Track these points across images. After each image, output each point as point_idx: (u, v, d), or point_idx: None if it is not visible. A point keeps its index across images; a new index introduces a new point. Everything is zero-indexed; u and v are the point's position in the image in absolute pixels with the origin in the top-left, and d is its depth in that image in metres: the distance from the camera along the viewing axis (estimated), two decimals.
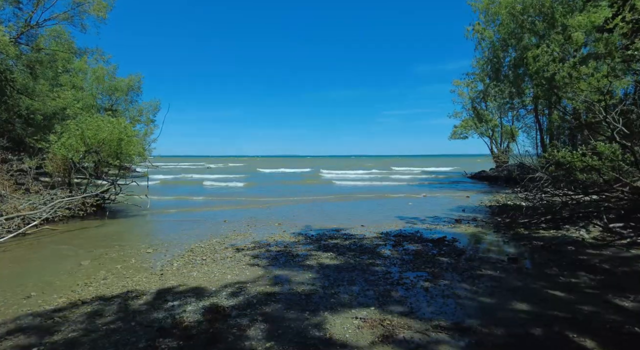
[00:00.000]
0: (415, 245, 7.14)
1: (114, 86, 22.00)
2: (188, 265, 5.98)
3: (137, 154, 12.71)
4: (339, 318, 3.83)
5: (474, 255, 6.34)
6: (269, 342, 3.31)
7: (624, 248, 6.47)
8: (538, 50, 13.76)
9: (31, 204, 9.63)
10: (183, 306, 4.20)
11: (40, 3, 14.33)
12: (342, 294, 4.55)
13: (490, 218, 10.19)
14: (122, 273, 5.65)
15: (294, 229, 9.01)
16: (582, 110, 12.17)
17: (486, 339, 3.35)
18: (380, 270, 5.50)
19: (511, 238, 7.67)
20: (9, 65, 14.02)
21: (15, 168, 11.75)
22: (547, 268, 5.53)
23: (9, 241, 7.79)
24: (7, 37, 12.01)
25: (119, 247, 7.37)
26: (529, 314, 3.86)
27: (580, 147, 9.20)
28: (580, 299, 4.27)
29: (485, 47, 20.71)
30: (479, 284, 4.87)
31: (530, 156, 17.28)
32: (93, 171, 12.56)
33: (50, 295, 4.72)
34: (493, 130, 29.96)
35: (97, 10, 15.07)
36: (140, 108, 23.89)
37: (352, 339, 3.37)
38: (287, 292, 4.64)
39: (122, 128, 11.82)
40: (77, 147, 11.16)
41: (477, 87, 27.24)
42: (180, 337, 3.44)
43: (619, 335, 3.37)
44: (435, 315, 3.89)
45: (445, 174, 35.65)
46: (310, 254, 6.55)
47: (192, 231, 8.90)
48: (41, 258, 6.69)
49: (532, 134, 23.63)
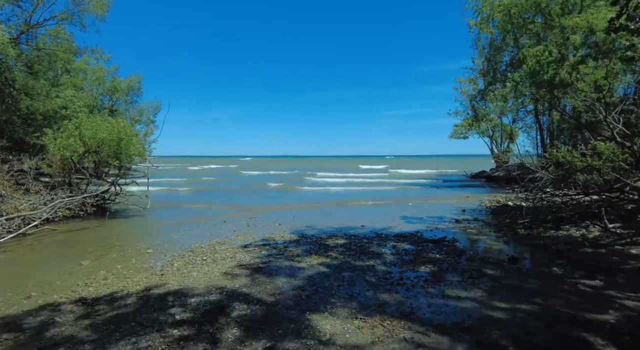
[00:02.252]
0: (415, 245, 7.14)
1: (114, 87, 22.00)
2: (188, 265, 5.98)
3: (136, 154, 12.71)
4: (339, 318, 3.83)
5: (474, 256, 6.34)
6: (269, 342, 3.31)
7: (624, 248, 6.47)
8: (534, 51, 13.74)
9: (31, 204, 9.63)
10: (183, 306, 4.20)
11: (40, 2, 14.35)
12: (343, 294, 4.55)
13: (491, 218, 10.19)
14: (122, 273, 5.65)
15: (294, 229, 9.01)
16: (582, 110, 12.17)
17: (486, 339, 3.35)
18: (381, 271, 5.50)
19: (511, 238, 7.67)
20: (9, 65, 14.02)
21: (16, 168, 11.76)
22: (547, 268, 5.53)
23: (9, 241, 7.79)
24: (6, 36, 12.01)
25: (119, 247, 7.37)
26: (529, 314, 3.86)
27: (580, 147, 9.21)
28: (580, 299, 4.27)
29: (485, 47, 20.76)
30: (479, 284, 4.87)
31: (531, 156, 17.30)
32: (93, 171, 12.56)
33: (51, 295, 4.72)
34: (493, 130, 29.99)
35: (97, 9, 15.10)
36: (141, 108, 23.92)
37: (353, 339, 3.37)
38: (287, 292, 4.64)
39: (122, 128, 11.82)
40: (76, 147, 11.16)
41: (479, 85, 27.28)
42: (180, 337, 3.44)
43: (620, 335, 3.38)
44: (435, 315, 3.89)
45: (445, 174, 35.64)
46: (310, 254, 6.55)
47: (193, 231, 8.91)
48: (41, 258, 6.69)
49: (532, 134, 23.67)
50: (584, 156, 7.73)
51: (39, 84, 14.98)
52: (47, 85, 15.40)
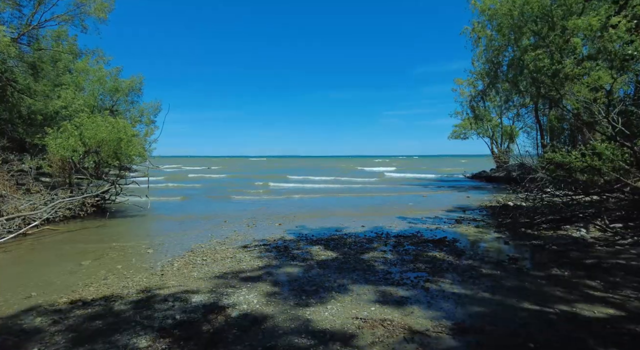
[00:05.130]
0: (415, 245, 7.14)
1: (115, 87, 22.00)
2: (189, 265, 5.99)
3: (137, 154, 12.71)
4: (340, 318, 3.83)
5: (474, 256, 6.34)
6: (269, 343, 3.31)
7: (624, 248, 6.47)
8: (535, 53, 13.75)
9: (32, 204, 9.64)
10: (183, 306, 4.21)
11: (42, 3, 14.37)
12: (343, 294, 4.55)
13: (491, 218, 10.19)
14: (122, 273, 5.65)
15: (294, 229, 9.01)
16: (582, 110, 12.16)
17: (487, 339, 3.35)
18: (381, 271, 5.50)
19: (511, 238, 7.67)
20: (10, 66, 14.05)
21: (16, 168, 11.77)
22: (548, 268, 5.53)
23: (10, 241, 7.80)
24: (7, 37, 12.03)
25: (120, 247, 7.37)
26: (530, 314, 3.86)
27: (581, 147, 9.20)
28: (580, 299, 4.27)
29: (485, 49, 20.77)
30: (480, 284, 4.87)
31: (531, 156, 17.27)
32: (93, 171, 12.57)
33: (51, 295, 4.73)
34: (493, 131, 29.98)
35: (98, 11, 15.11)
36: (141, 109, 23.89)
37: (353, 339, 3.37)
38: (287, 292, 4.65)
39: (122, 128, 11.82)
40: (76, 147, 11.17)
41: (478, 86, 27.28)
42: (180, 337, 3.44)
43: (620, 335, 3.38)
44: (435, 315, 3.89)
45: (445, 174, 35.63)
46: (310, 254, 6.55)
47: (193, 232, 8.91)
48: (42, 258, 6.70)
49: (533, 134, 23.65)
50: (584, 156, 7.73)
51: (40, 84, 15.00)
52: (48, 85, 15.41)
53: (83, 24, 15.53)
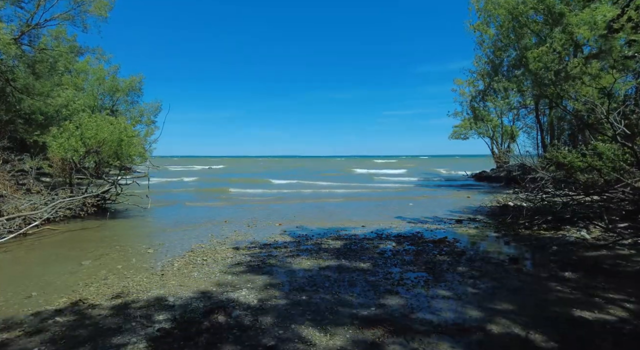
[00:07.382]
0: (415, 245, 7.14)
1: (115, 86, 22.02)
2: (189, 265, 5.99)
3: (137, 155, 12.73)
4: (340, 319, 3.83)
5: (474, 256, 6.34)
6: (270, 343, 3.31)
7: (625, 249, 6.46)
8: (539, 51, 13.72)
9: (32, 204, 9.64)
10: (183, 306, 4.20)
11: (42, 3, 14.36)
12: (343, 294, 4.55)
13: (491, 218, 10.18)
14: (122, 273, 5.65)
15: (295, 229, 9.01)
16: (583, 111, 12.15)
17: (487, 339, 3.35)
18: (381, 271, 5.50)
19: (512, 238, 7.66)
20: (10, 65, 14.05)
21: (17, 168, 11.78)
22: (548, 269, 5.52)
23: (10, 241, 7.79)
24: (8, 36, 12.03)
25: (120, 247, 7.37)
26: (530, 314, 3.86)
27: (581, 147, 9.19)
28: (581, 299, 4.26)
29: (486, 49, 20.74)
30: (480, 284, 4.86)
31: (531, 156, 17.29)
32: (94, 171, 12.58)
33: (51, 295, 4.73)
34: (494, 131, 29.97)
35: (98, 9, 15.09)
36: (142, 109, 23.95)
37: (353, 340, 3.37)
38: (287, 292, 4.64)
39: (122, 128, 11.83)
40: (76, 147, 11.18)
41: (478, 86, 27.24)
42: (180, 337, 3.44)
43: (620, 335, 3.37)
44: (436, 315, 3.89)
45: (445, 174, 35.62)
46: (310, 254, 6.55)
47: (193, 232, 8.91)
48: (42, 258, 6.70)
49: (533, 134, 23.67)
50: (584, 156, 7.73)
51: (41, 83, 15.00)
52: (48, 85, 15.42)
53: (84, 22, 15.52)
